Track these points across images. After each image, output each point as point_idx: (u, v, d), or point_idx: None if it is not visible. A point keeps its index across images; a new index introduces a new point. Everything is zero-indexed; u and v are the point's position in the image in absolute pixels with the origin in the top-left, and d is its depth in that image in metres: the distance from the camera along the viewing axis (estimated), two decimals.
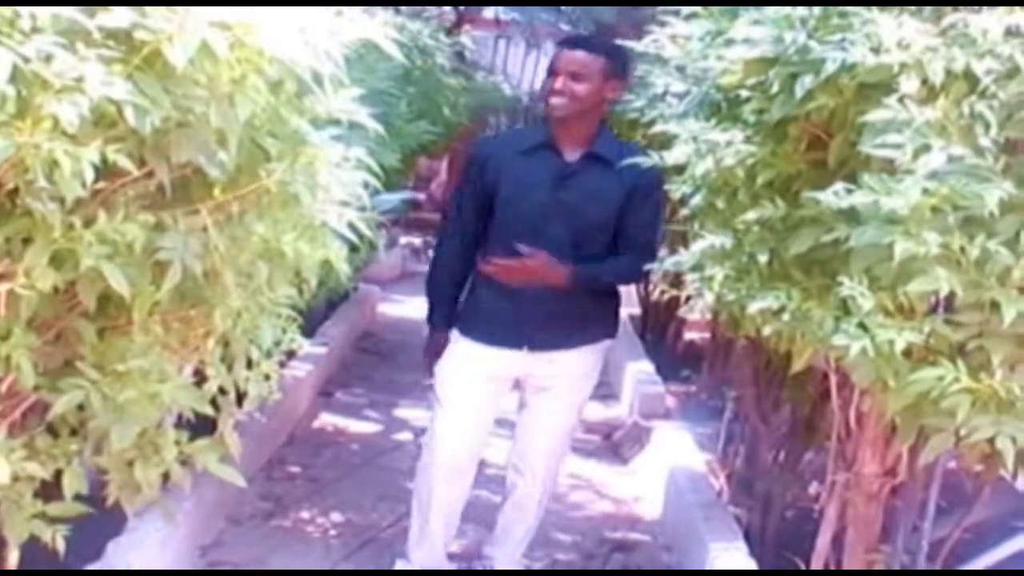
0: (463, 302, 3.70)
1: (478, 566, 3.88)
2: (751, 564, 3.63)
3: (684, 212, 3.62)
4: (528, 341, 3.58)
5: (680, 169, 3.32)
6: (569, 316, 3.57)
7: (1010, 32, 2.43)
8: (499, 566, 3.80)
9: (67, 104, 2.05)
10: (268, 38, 2.29)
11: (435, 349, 3.68)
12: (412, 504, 3.76)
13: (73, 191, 2.11)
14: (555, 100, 3.49)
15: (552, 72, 3.54)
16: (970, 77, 2.46)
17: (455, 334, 3.66)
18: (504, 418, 3.90)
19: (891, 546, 3.09)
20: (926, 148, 2.40)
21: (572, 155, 3.54)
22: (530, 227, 3.50)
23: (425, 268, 3.94)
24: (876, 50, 2.55)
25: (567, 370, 3.66)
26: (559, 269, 3.46)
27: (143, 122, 2.15)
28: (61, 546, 2.65)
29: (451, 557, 3.94)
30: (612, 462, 5.52)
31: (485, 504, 4.26)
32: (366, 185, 2.89)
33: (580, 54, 3.50)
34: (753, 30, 2.95)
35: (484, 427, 3.70)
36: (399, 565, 3.79)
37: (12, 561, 2.76)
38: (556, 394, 3.69)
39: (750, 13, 3.04)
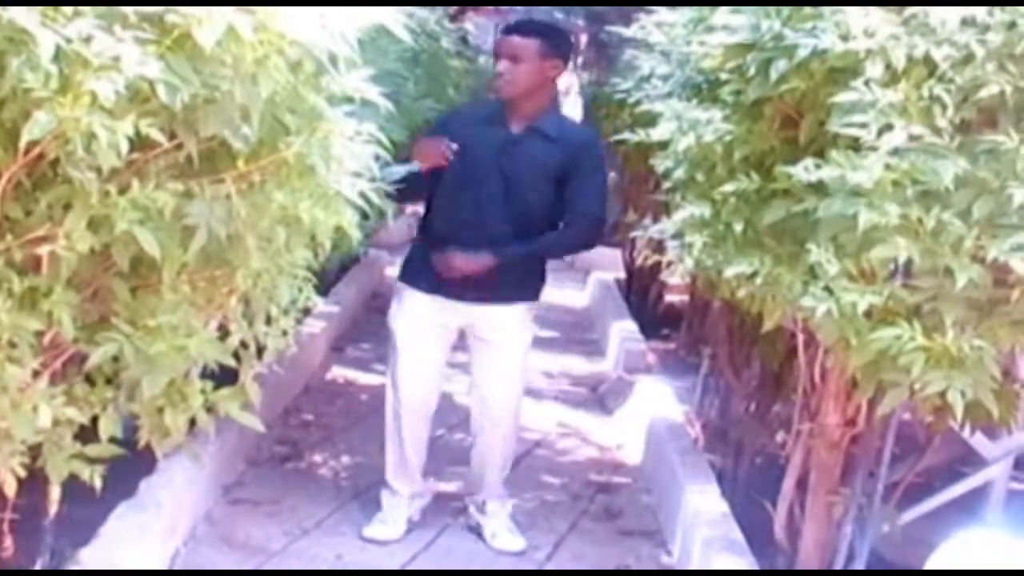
0: (408, 256, 3.78)
1: (469, 502, 3.90)
2: (723, 505, 3.66)
3: (667, 184, 3.62)
4: (463, 294, 3.61)
5: (664, 145, 3.32)
6: (497, 277, 3.56)
7: (966, 22, 2.43)
8: (487, 501, 3.82)
9: (105, 81, 2.05)
10: (289, 22, 2.29)
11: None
12: (386, 441, 3.79)
13: (109, 161, 2.12)
14: (499, 82, 3.55)
15: (495, 56, 3.58)
16: (929, 63, 2.47)
17: (402, 285, 3.74)
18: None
19: (850, 489, 3.12)
20: (888, 127, 2.41)
21: (517, 128, 3.59)
22: (471, 189, 3.57)
23: None
24: (844, 37, 2.55)
25: (502, 323, 3.67)
26: (480, 260, 3.52)
27: (173, 98, 2.15)
28: (98, 483, 2.67)
29: (441, 496, 3.97)
30: (598, 412, 5.53)
31: (470, 446, 4.21)
32: (377, 158, 2.88)
33: (516, 39, 3.54)
34: (732, 18, 2.96)
35: (436, 369, 3.76)
36: (385, 495, 3.82)
37: (55, 496, 2.78)
38: (498, 347, 3.70)
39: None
